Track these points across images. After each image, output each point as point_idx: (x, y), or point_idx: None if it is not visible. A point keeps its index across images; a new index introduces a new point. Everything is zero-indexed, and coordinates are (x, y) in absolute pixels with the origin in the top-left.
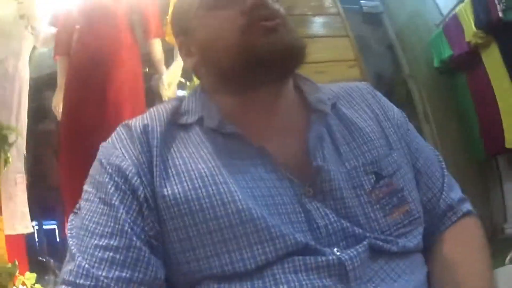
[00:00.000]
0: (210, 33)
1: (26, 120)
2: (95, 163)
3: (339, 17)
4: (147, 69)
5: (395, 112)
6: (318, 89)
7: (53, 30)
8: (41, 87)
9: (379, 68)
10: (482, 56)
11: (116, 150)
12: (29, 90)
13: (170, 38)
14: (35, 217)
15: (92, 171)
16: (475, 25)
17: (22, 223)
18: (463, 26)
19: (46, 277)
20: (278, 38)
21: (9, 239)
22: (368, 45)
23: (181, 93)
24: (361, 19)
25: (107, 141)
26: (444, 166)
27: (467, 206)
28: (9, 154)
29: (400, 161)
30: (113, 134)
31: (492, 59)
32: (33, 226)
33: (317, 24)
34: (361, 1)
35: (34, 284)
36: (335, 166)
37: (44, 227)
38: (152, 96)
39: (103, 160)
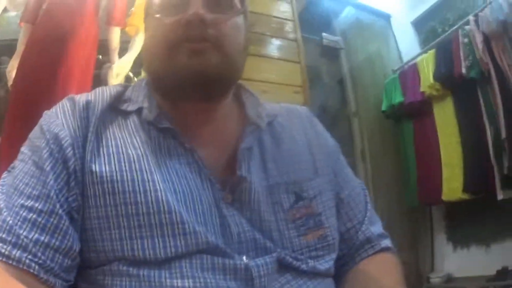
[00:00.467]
0: (150, 38)
1: None
2: (36, 128)
3: (296, 43)
4: (100, 56)
5: (328, 141)
6: (259, 105)
7: None
8: (0, 51)
9: (327, 101)
10: (434, 108)
11: (57, 119)
12: None
13: (130, 30)
14: None
15: (31, 134)
16: (434, 77)
17: None
18: (420, 76)
19: None
20: (200, 62)
21: None
22: (320, 76)
23: None
24: (319, 51)
25: (51, 109)
26: (368, 200)
27: (387, 242)
28: None
29: (323, 187)
30: (58, 104)
31: (444, 112)
32: None
33: (273, 46)
34: (323, 34)
35: None
36: (258, 179)
37: None
38: (99, 83)
39: (43, 126)
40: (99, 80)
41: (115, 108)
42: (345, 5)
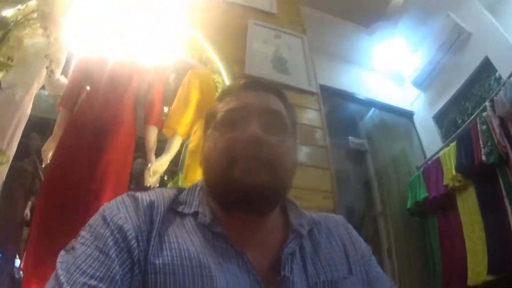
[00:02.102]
0: (211, 148)
1: (14, 152)
2: (97, 217)
3: (325, 150)
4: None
5: (362, 244)
6: (301, 215)
7: (65, 80)
8: (29, 127)
9: (353, 202)
10: (457, 198)
11: (120, 213)
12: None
13: (167, 132)
14: None
15: (92, 221)
16: (456, 168)
17: None
18: (443, 169)
19: None
20: (254, 180)
21: None
22: (347, 179)
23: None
24: (345, 153)
25: (111, 202)
26: None
27: None
28: None
29: (356, 285)
30: (117, 199)
31: (467, 201)
32: None
33: (304, 153)
34: (349, 137)
35: None
36: (298, 279)
37: None
38: (130, 179)
39: (106, 217)
40: (130, 174)
41: (173, 209)
42: (369, 107)
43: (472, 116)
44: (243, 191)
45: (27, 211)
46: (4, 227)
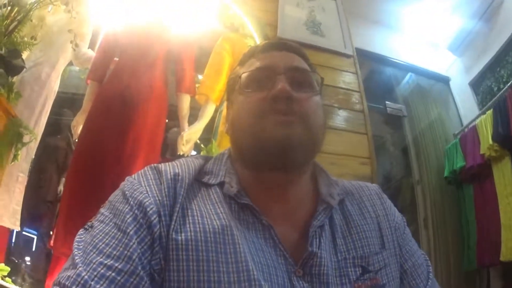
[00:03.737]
0: (238, 110)
1: (43, 129)
2: (117, 192)
3: (362, 114)
4: (167, 120)
5: (396, 216)
6: (331, 183)
7: (93, 53)
8: (61, 103)
9: (391, 169)
10: (493, 169)
11: (141, 187)
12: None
13: (200, 98)
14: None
15: (112, 197)
16: (492, 137)
17: (12, 219)
18: (479, 138)
19: (13, 278)
20: (286, 132)
21: None
22: (384, 145)
23: (193, 153)
24: (383, 119)
25: (133, 176)
26: (431, 270)
27: None
28: (19, 151)
29: (389, 260)
30: (140, 173)
31: (503, 172)
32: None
33: (341, 118)
34: (386, 102)
35: (5, 277)
36: (327, 254)
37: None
38: (165, 148)
39: (126, 192)
40: (165, 144)
41: (198, 180)
42: (406, 72)
43: (508, 85)
44: (276, 144)
45: (61, 188)
46: (38, 205)
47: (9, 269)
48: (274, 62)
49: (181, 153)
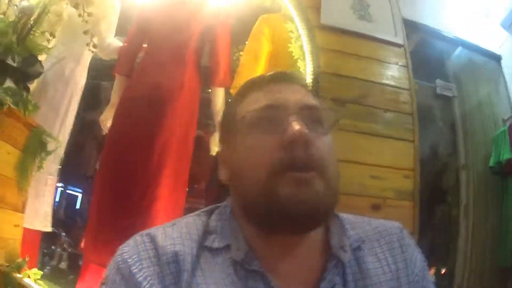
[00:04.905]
0: (245, 158)
1: (71, 125)
2: (112, 269)
3: (411, 117)
4: None
5: (416, 266)
6: (343, 232)
7: (119, 43)
8: (101, 76)
9: (437, 149)
10: None
11: (136, 264)
12: (90, 73)
13: (235, 92)
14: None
15: (108, 272)
16: None
17: (43, 222)
18: None
19: (53, 247)
20: (307, 194)
21: (27, 232)
22: (432, 123)
23: None
24: (432, 94)
25: (127, 249)
26: None
27: None
28: (44, 161)
29: None
30: (136, 243)
31: None
32: (57, 188)
33: (384, 121)
34: (436, 81)
35: (38, 279)
36: None
37: (69, 191)
38: (199, 143)
39: (123, 271)
40: (198, 138)
41: (202, 245)
42: (456, 46)
43: None
44: (297, 207)
45: None
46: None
47: (41, 272)
48: (284, 98)
49: (214, 154)
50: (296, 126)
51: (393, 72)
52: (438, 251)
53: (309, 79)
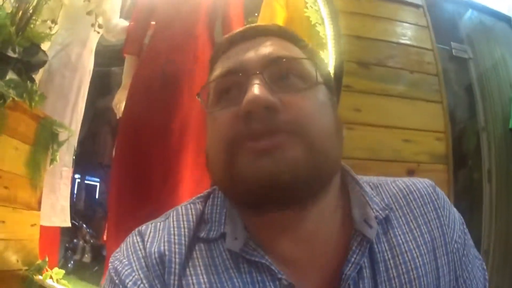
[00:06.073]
0: (209, 137)
1: (83, 111)
2: (107, 276)
3: (437, 78)
4: None
5: (456, 231)
6: (367, 201)
7: (126, 23)
8: (110, 61)
9: (454, 113)
10: None
11: (130, 269)
12: (98, 60)
13: None
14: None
15: (104, 281)
16: None
17: (61, 216)
18: None
19: (75, 240)
20: (269, 163)
21: (45, 230)
22: (449, 86)
23: None
24: (447, 58)
25: (120, 255)
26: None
27: None
28: (57, 153)
29: None
30: (126, 247)
31: None
32: (74, 179)
33: (412, 83)
34: (451, 43)
35: (60, 279)
36: None
37: (87, 182)
38: None
39: (115, 278)
40: None
41: (196, 237)
42: (466, 8)
43: None
44: (259, 185)
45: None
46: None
47: (63, 271)
48: (244, 59)
49: None
50: (254, 91)
51: (415, 33)
52: (463, 217)
53: (330, 43)
